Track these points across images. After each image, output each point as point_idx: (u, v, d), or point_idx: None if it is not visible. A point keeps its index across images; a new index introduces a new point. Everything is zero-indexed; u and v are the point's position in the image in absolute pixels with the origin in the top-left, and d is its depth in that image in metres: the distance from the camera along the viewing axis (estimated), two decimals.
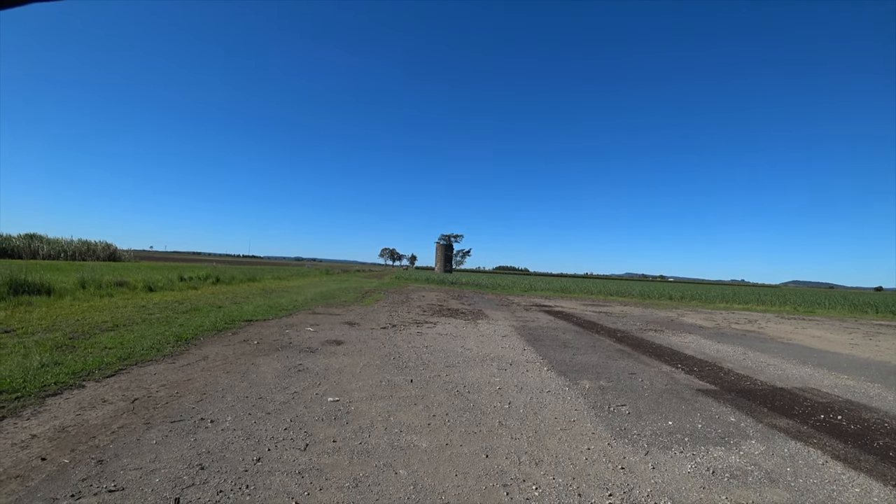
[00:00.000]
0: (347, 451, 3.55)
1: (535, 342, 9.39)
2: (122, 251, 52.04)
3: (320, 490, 2.92)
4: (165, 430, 3.75)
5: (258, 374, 5.63)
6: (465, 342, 8.90)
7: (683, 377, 6.83)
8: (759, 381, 6.78)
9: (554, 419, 4.59)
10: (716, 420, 4.83)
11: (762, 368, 7.82)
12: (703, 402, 5.52)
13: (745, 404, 5.51)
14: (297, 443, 3.65)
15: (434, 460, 3.47)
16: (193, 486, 2.86)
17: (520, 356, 7.77)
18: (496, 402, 5.07)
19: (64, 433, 3.59)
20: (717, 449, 4.01)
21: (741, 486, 3.31)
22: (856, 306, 27.46)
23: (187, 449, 3.41)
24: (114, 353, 6.05)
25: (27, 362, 5.25)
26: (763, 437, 4.39)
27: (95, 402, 4.33)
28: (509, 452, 3.70)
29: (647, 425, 4.56)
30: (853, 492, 3.31)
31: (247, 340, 7.74)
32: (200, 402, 4.50)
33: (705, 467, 3.61)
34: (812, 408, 5.49)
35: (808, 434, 4.53)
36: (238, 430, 3.82)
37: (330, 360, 6.67)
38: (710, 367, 7.69)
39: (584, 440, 4.06)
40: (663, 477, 3.40)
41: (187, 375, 5.40)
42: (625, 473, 3.43)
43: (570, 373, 6.68)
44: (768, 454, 3.95)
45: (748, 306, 27.18)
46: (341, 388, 5.24)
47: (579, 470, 3.45)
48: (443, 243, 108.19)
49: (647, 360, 8.09)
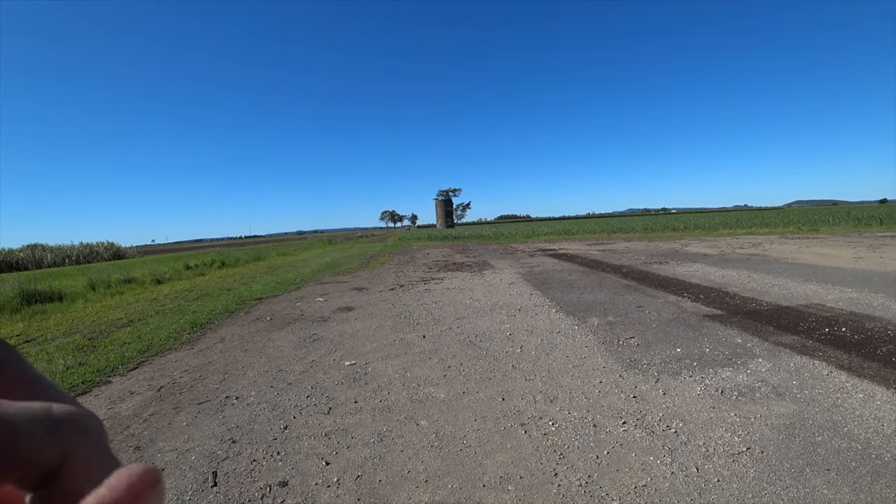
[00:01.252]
0: (369, 409, 3.70)
1: (542, 286, 9.51)
2: (126, 248, 52.31)
3: (347, 448, 3.07)
4: (194, 411, 3.91)
5: (275, 349, 5.78)
6: (472, 294, 9.03)
7: (690, 305, 6.95)
8: (764, 302, 6.89)
9: (565, 357, 4.73)
10: (723, 343, 4.96)
11: (767, 289, 7.92)
12: (709, 327, 5.65)
13: (751, 325, 5.63)
14: (320, 408, 3.80)
15: (453, 409, 3.62)
16: (228, 459, 3.02)
17: (528, 301, 7.90)
18: (508, 347, 5.21)
19: None
20: (724, 370, 4.14)
21: (749, 403, 3.44)
22: (860, 220, 27.36)
23: (217, 426, 3.57)
24: (133, 347, 6.21)
25: (52, 367, 5.41)
26: (769, 354, 4.52)
27: (124, 394, 4.49)
28: (524, 394, 3.84)
29: (656, 354, 4.69)
30: (857, 397, 3.43)
31: (260, 318, 7.90)
32: (223, 381, 4.65)
33: (714, 388, 3.74)
34: (817, 322, 5.60)
35: (813, 348, 4.65)
36: (263, 403, 3.98)
37: (343, 326, 6.82)
38: (715, 293, 7.80)
39: (595, 374, 4.20)
40: (674, 401, 3.53)
41: (207, 359, 5.56)
42: (637, 401, 3.57)
43: (578, 312, 6.81)
44: (774, 370, 4.08)
45: (752, 230, 27.18)
46: (357, 352, 5.39)
47: (593, 402, 3.59)
48: (441, 199, 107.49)
49: (654, 292, 8.20)
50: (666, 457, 2.75)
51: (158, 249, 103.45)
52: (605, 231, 33.52)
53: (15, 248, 43.05)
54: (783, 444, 2.83)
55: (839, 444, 2.79)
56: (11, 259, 41.00)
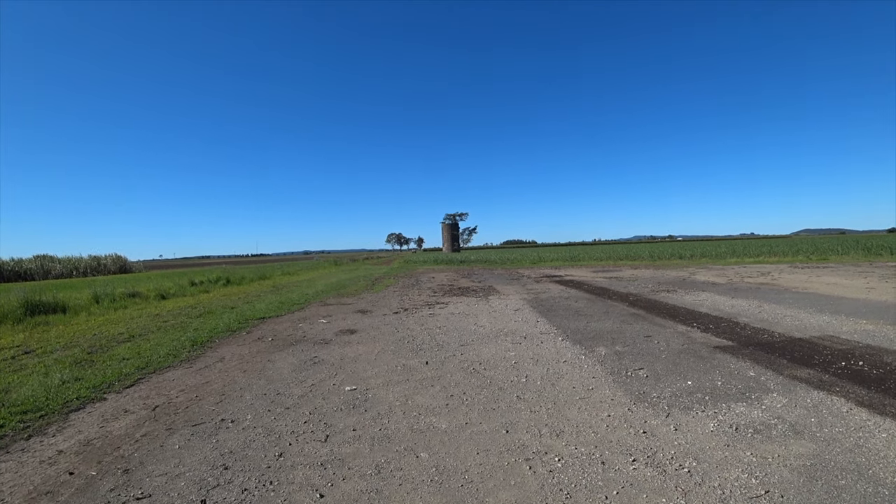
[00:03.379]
0: (368, 438, 3.57)
1: (548, 313, 9.36)
2: (133, 262, 52.77)
3: (343, 480, 2.93)
4: (187, 434, 3.79)
5: (275, 370, 5.67)
6: (477, 319, 8.90)
7: (699, 335, 6.78)
8: (776, 334, 6.71)
9: (572, 389, 4.58)
10: (735, 376, 4.79)
11: (779, 320, 7.74)
12: (721, 359, 5.48)
13: (763, 358, 5.46)
14: (317, 435, 3.67)
15: (454, 440, 3.48)
16: (218, 487, 2.89)
17: (533, 328, 7.76)
18: (512, 376, 5.07)
19: (89, 446, 3.64)
20: (738, 405, 3.98)
21: (766, 441, 3.28)
22: (869, 250, 27.03)
23: (210, 450, 3.45)
24: (132, 364, 6.12)
25: (48, 381, 5.32)
26: (784, 389, 4.35)
27: (117, 413, 4.38)
28: (529, 426, 3.70)
29: (666, 387, 4.53)
30: (880, 437, 3.26)
31: (261, 338, 7.80)
32: (220, 403, 4.54)
33: (728, 424, 3.58)
34: (832, 356, 5.42)
35: (830, 383, 4.48)
36: (259, 428, 3.85)
37: (344, 349, 6.70)
38: (725, 324, 7.62)
39: (603, 407, 4.05)
40: (686, 438, 3.37)
41: (205, 378, 5.45)
42: (647, 437, 3.41)
43: (585, 341, 6.66)
44: (791, 406, 3.91)
45: (760, 259, 26.92)
46: (358, 377, 5.26)
47: (601, 438, 3.43)
48: (448, 223, 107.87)
49: (662, 321, 8.04)
50: (679, 499, 2.59)
51: (165, 264, 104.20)
52: (612, 258, 33.32)
53: (24, 258, 43.52)
54: (804, 487, 2.66)
55: (864, 488, 2.63)
56: (20, 269, 41.45)
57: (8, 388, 5.14)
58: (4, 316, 10.43)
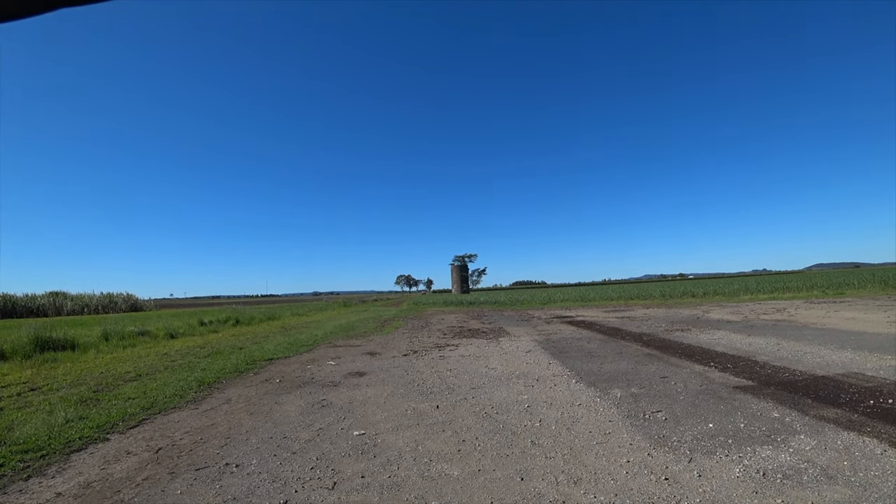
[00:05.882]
0: (377, 486, 3.43)
1: (560, 355, 9.16)
2: (143, 301, 53.16)
3: None
4: (190, 478, 3.68)
5: (282, 413, 5.54)
6: (488, 362, 8.72)
7: (718, 375, 6.56)
8: (798, 372, 6.48)
9: (588, 433, 4.41)
10: (758, 417, 4.59)
11: (799, 357, 7.49)
12: (742, 399, 5.27)
13: (787, 397, 5.25)
14: (324, 481, 3.53)
15: (467, 488, 3.33)
16: None
17: (546, 371, 7.57)
18: (526, 420, 4.90)
19: (89, 489, 3.53)
20: (764, 448, 3.79)
21: (797, 487, 3.09)
22: (886, 283, 26.47)
23: (213, 496, 3.32)
24: (137, 403, 6.04)
25: (52, 419, 5.26)
26: (812, 430, 4.15)
27: (120, 454, 4.28)
28: (545, 473, 3.54)
29: (686, 430, 4.34)
30: None
31: (269, 380, 7.69)
32: (225, 446, 4.42)
33: (755, 469, 3.40)
34: (859, 394, 5.20)
35: (860, 423, 4.27)
36: (264, 473, 3.73)
37: (353, 392, 6.56)
38: (744, 362, 7.39)
39: (622, 452, 3.88)
40: (711, 484, 3.20)
41: (211, 420, 5.34)
42: (669, 484, 3.24)
43: (599, 383, 6.47)
44: (820, 448, 3.72)
45: (774, 295, 26.43)
46: (367, 421, 5.12)
47: (621, 485, 3.27)
48: (457, 264, 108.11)
49: (678, 361, 7.82)
50: None
51: (176, 303, 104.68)
52: (623, 297, 32.92)
53: (38, 294, 43.96)
54: None
55: None
56: (33, 304, 41.86)
57: (11, 426, 5.08)
58: (14, 352, 10.47)
